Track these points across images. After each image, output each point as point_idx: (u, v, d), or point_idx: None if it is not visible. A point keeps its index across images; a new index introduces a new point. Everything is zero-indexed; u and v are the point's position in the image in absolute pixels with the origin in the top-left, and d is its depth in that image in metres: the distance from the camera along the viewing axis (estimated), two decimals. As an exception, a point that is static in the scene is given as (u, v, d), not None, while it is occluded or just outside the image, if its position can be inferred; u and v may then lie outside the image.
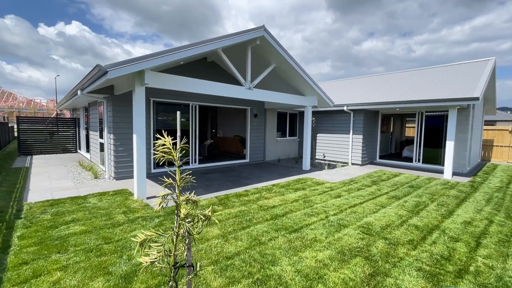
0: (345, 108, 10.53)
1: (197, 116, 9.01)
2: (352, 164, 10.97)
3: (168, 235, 1.44)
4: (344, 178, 8.05)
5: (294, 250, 3.38)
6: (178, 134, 1.70)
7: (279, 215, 4.64)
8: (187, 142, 8.81)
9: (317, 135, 12.32)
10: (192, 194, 1.48)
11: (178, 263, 1.53)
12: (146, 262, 1.44)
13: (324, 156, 11.98)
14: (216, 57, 9.00)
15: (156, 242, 1.41)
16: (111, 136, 7.29)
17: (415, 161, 10.37)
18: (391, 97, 9.84)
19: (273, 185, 6.94)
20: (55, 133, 13.07)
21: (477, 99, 7.33)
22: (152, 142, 7.97)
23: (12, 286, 2.53)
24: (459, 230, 4.20)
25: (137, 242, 1.45)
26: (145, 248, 1.48)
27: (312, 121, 11.72)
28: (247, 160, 10.86)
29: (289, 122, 12.81)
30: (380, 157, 11.84)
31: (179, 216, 1.42)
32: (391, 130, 14.98)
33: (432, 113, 10.03)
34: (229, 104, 10.04)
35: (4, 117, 15.79)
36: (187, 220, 1.43)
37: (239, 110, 12.27)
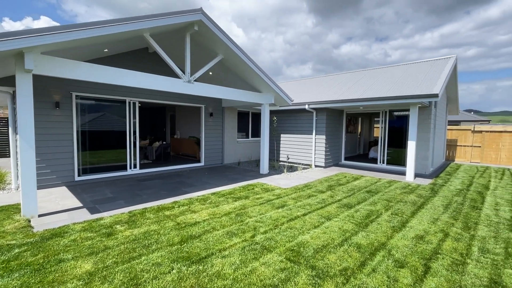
0: (306, 106, 9.80)
1: (136, 115, 7.84)
2: (316, 166, 10.26)
3: None
4: (299, 183, 7.25)
5: (179, 295, 2.41)
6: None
7: (193, 236, 3.66)
8: (124, 145, 7.62)
9: (281, 135, 11.53)
10: None
11: None
12: None
13: (288, 158, 11.20)
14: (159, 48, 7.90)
15: None
16: (17, 137, 5.97)
17: (380, 162, 9.85)
18: (352, 95, 9.24)
19: (213, 193, 5.96)
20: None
21: (436, 95, 6.82)
22: (75, 144, 6.73)
23: None
24: (408, 249, 3.45)
25: None
26: None
27: (273, 120, 10.93)
28: (201, 164, 9.82)
29: (252, 122, 11.91)
30: (346, 159, 11.25)
31: None
32: (360, 130, 14.57)
33: (396, 112, 9.56)
34: (178, 101, 8.95)
35: None
36: None
37: (193, 108, 11.22)
